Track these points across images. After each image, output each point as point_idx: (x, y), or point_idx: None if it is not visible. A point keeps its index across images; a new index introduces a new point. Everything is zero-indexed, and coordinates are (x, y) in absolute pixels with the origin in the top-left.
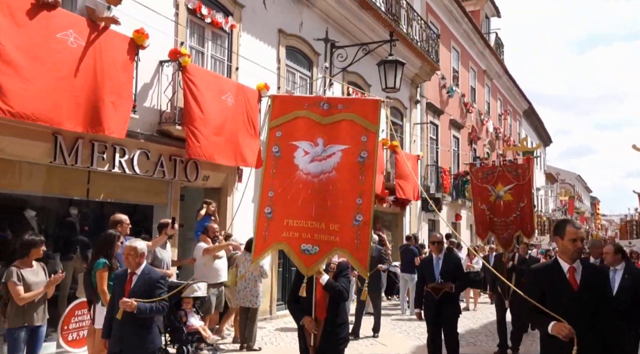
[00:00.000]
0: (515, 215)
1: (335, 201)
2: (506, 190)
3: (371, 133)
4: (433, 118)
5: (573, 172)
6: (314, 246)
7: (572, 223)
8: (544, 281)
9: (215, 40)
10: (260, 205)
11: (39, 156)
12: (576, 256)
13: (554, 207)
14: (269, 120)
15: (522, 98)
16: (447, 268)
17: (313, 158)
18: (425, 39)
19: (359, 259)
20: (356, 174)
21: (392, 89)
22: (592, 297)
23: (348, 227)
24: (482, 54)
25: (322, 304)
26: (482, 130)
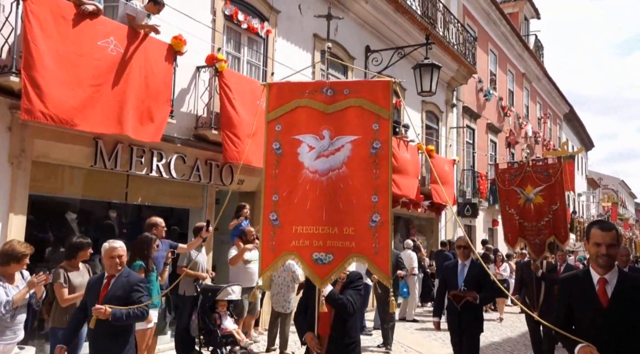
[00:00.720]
0: (548, 218)
1: (348, 201)
2: (536, 192)
3: (383, 120)
4: (469, 122)
5: (616, 177)
6: (328, 255)
7: (599, 224)
8: (571, 293)
9: (251, 46)
10: (263, 212)
11: (81, 160)
12: (603, 264)
13: (596, 213)
14: (266, 111)
15: (563, 101)
16: (472, 276)
17: (319, 154)
18: (462, 41)
19: (379, 265)
20: (369, 168)
21: (428, 93)
22: (624, 316)
23: (364, 230)
24: (520, 57)
25: (326, 319)
26: (520, 134)
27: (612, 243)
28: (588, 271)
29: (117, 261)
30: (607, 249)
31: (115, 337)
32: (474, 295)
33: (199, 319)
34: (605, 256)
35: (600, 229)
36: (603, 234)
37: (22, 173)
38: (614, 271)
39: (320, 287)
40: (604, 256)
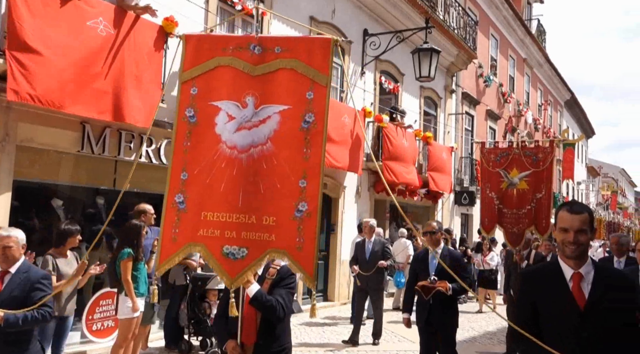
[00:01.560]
0: (530, 207)
1: (271, 185)
2: (522, 176)
3: (319, 88)
4: (469, 109)
5: (617, 165)
6: (241, 248)
7: (568, 205)
8: (536, 291)
9: (245, 28)
10: (168, 192)
11: (67, 145)
12: (570, 253)
13: (595, 202)
14: (181, 70)
15: (564, 87)
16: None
17: (240, 125)
18: (462, 26)
19: (302, 263)
20: (299, 146)
21: (427, 78)
22: (606, 319)
23: (287, 220)
24: (522, 42)
25: (251, 324)
26: (520, 121)
27: (581, 228)
28: (557, 264)
29: (14, 254)
30: (575, 235)
31: (10, 345)
32: (446, 285)
33: (188, 308)
34: (572, 244)
35: (568, 211)
36: (571, 217)
37: (6, 158)
38: (588, 264)
39: (230, 287)
40: (570, 245)
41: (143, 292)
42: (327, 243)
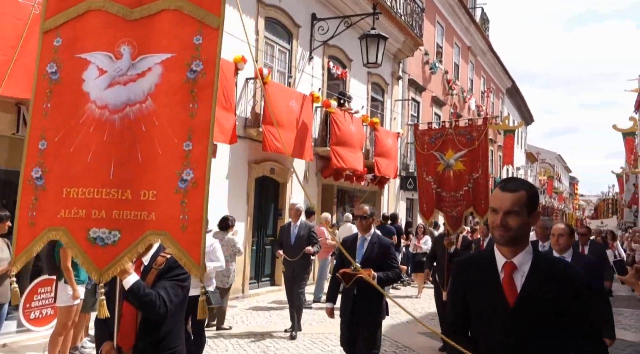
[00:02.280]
0: (467, 187)
1: (151, 151)
2: (457, 157)
3: (210, 31)
4: (415, 95)
5: (554, 151)
6: (113, 231)
7: (503, 182)
8: (467, 282)
9: None
10: (24, 166)
11: (2, 127)
12: (498, 238)
13: None
14: (42, 18)
15: (506, 76)
16: (373, 253)
17: (114, 80)
18: (409, 12)
19: (186, 247)
20: (184, 100)
21: (374, 64)
22: (538, 320)
23: (170, 194)
24: (467, 30)
25: (129, 324)
26: (464, 107)
27: (511, 209)
28: (492, 251)
29: None
30: (503, 217)
31: None
32: (369, 273)
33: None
34: (500, 227)
35: (500, 189)
36: (502, 196)
37: None
38: (526, 252)
39: (98, 281)
40: (498, 228)
41: (84, 279)
42: (274, 228)
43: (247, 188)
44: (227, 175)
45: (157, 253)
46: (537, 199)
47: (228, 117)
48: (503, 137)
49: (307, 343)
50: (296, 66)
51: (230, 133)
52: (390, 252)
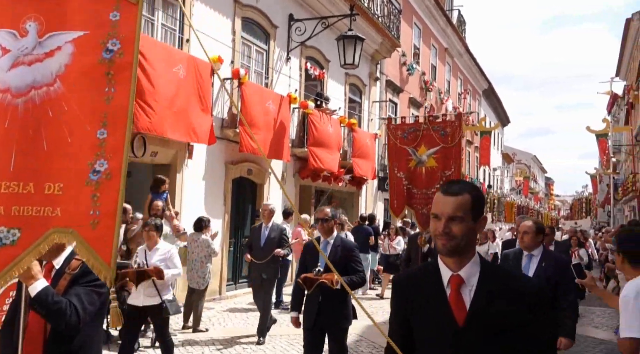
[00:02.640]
0: (439, 185)
1: (58, 139)
2: (430, 153)
3: (128, 6)
4: (392, 96)
5: (530, 152)
6: (12, 230)
7: (445, 185)
8: (409, 301)
9: (166, 9)
10: None
11: None
12: (441, 249)
13: (509, 187)
14: None
15: (482, 77)
16: (337, 257)
17: (18, 60)
18: (386, 14)
19: (96, 246)
20: (98, 84)
21: (351, 65)
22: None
23: (79, 186)
24: (444, 32)
25: (37, 336)
26: (441, 109)
27: (455, 215)
28: (436, 264)
29: None
30: (446, 224)
31: None
32: (332, 278)
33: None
34: (443, 235)
35: (442, 193)
36: (444, 200)
37: None
38: (473, 263)
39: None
40: (441, 236)
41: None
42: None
43: (224, 189)
44: (203, 176)
45: (71, 256)
46: (483, 202)
47: (205, 117)
48: (480, 138)
49: (283, 345)
50: (273, 67)
51: (208, 134)
52: (354, 255)
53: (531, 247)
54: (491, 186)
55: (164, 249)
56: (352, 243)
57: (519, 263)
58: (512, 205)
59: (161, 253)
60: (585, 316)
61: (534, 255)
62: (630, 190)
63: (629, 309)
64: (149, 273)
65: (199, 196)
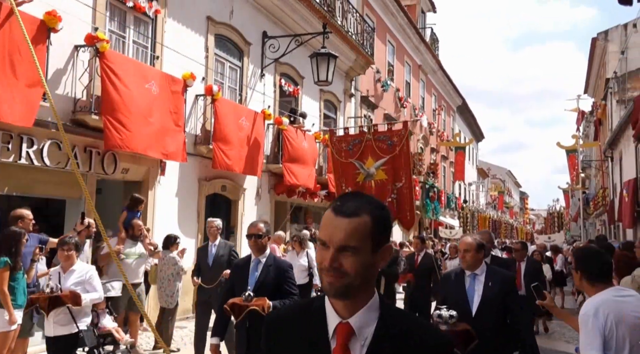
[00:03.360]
0: (391, 198)
1: None
2: (378, 165)
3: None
4: (367, 112)
5: (504, 167)
6: None
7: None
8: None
9: (137, 26)
10: None
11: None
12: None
13: (485, 202)
14: None
15: (456, 94)
16: (266, 277)
17: None
18: (360, 31)
19: None
20: None
21: (325, 82)
22: None
23: None
24: (417, 49)
25: None
26: (415, 125)
27: (347, 244)
28: (322, 306)
29: None
30: (334, 256)
31: None
32: (263, 304)
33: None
34: (331, 270)
35: (333, 211)
36: (335, 222)
37: None
38: (369, 308)
39: None
40: (328, 272)
41: (21, 304)
42: None
43: (197, 206)
44: (176, 192)
45: None
46: (389, 225)
47: (177, 134)
48: (454, 154)
49: None
50: (247, 84)
51: (181, 151)
52: (288, 276)
53: (474, 266)
54: (467, 201)
55: (81, 270)
56: (286, 263)
57: (462, 284)
58: (486, 218)
59: (78, 275)
60: (556, 331)
61: (477, 274)
62: (601, 204)
63: (588, 327)
64: (62, 299)
65: (172, 214)
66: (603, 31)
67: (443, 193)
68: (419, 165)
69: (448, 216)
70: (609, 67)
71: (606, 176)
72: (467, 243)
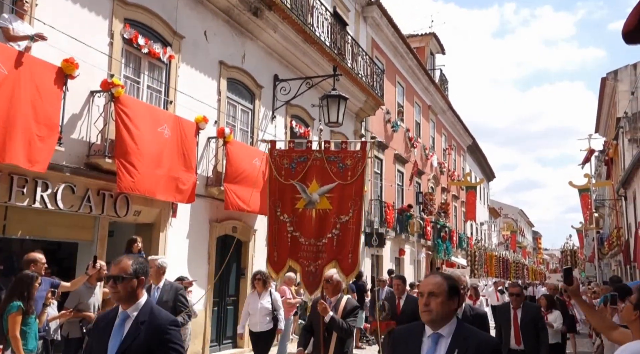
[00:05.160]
0: (331, 235)
1: None
2: (324, 192)
3: None
4: (377, 153)
5: (516, 206)
6: None
7: None
8: None
9: (152, 71)
10: None
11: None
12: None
13: (497, 242)
14: None
15: (466, 133)
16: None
17: None
18: (370, 73)
19: None
20: None
21: (335, 124)
22: None
23: None
24: (427, 90)
25: None
26: (426, 164)
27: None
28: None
29: None
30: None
31: None
32: None
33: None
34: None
35: None
36: None
37: None
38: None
39: None
40: None
41: (32, 348)
42: (237, 288)
43: (208, 248)
44: (187, 234)
45: None
46: None
47: (189, 176)
48: (465, 193)
49: None
50: (258, 126)
51: (190, 192)
52: (169, 339)
53: (439, 320)
54: (479, 240)
55: None
56: (169, 319)
57: (417, 349)
58: (492, 257)
59: None
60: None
61: (442, 334)
62: (615, 244)
63: None
64: None
65: (183, 255)
66: (612, 71)
67: (454, 233)
68: (430, 204)
69: (460, 257)
70: (620, 106)
71: (620, 215)
72: (433, 283)
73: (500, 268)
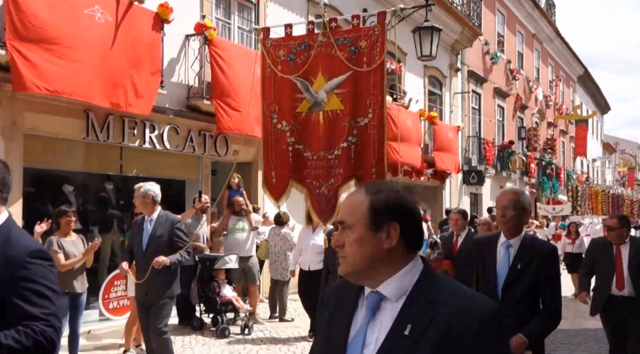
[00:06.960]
0: (347, 144)
1: None
2: (333, 86)
3: None
4: (475, 87)
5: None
6: None
7: None
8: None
9: (241, 12)
10: None
11: (73, 132)
12: None
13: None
14: None
15: (577, 62)
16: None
17: None
18: (466, 2)
19: None
20: None
21: (429, 57)
22: None
23: None
24: (530, 16)
25: None
26: (530, 98)
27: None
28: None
29: None
30: None
31: None
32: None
33: (198, 287)
34: None
35: None
36: None
37: (15, 146)
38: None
39: None
40: None
41: None
42: None
43: None
44: None
45: None
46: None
47: None
48: (575, 127)
49: None
50: None
51: None
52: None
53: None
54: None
55: None
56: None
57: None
58: (598, 192)
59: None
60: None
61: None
62: None
63: None
64: None
65: None
66: None
67: (562, 170)
68: (534, 140)
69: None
70: None
71: None
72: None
73: (609, 205)
